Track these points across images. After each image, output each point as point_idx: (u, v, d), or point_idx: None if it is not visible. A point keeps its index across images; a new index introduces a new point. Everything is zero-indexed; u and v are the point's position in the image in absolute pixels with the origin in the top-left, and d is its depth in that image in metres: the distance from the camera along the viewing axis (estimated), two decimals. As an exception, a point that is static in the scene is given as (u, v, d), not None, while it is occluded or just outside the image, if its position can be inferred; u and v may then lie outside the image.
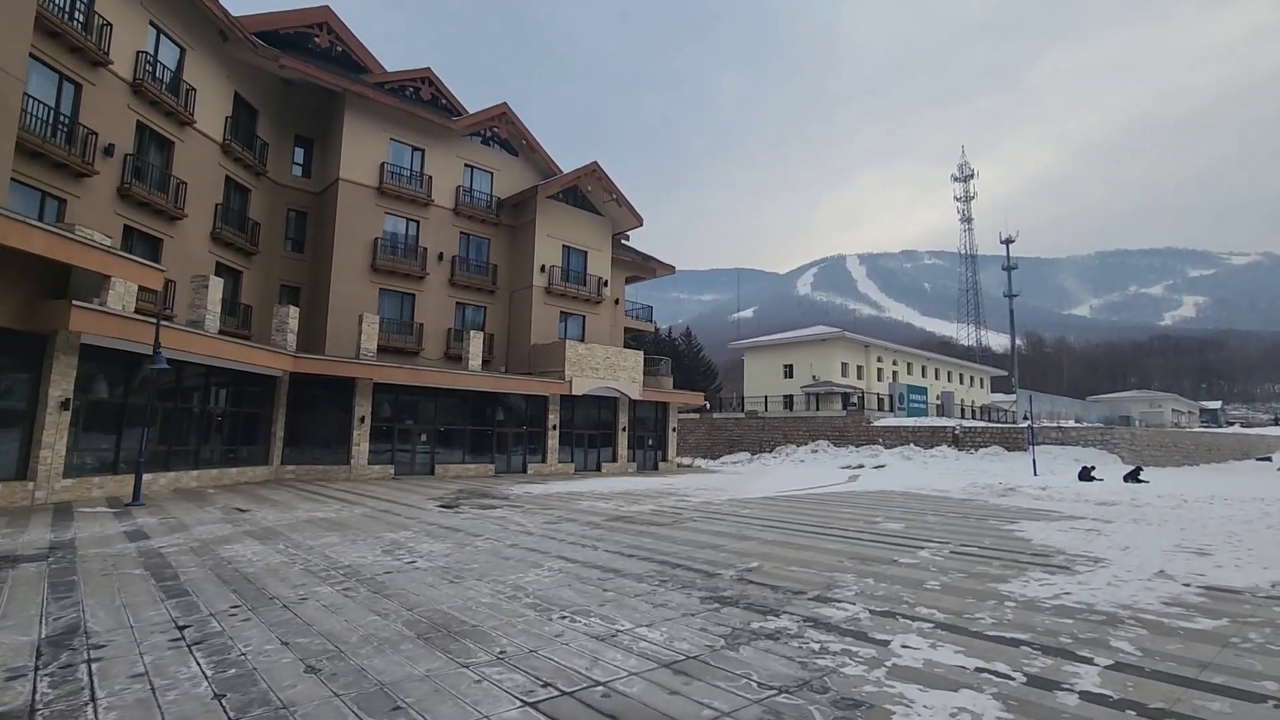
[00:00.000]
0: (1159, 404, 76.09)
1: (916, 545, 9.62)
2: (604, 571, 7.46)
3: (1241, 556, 8.97)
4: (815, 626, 5.39)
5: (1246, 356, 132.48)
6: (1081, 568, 8.08)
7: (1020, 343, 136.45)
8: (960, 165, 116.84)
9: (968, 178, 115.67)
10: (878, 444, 37.02)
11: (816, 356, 54.19)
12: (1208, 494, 18.01)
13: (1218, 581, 7.36)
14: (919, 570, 7.80)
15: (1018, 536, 10.70)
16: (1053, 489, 19.57)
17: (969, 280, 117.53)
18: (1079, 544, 9.92)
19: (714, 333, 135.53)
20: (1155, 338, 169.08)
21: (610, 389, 27.53)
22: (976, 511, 14.37)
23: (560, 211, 29.49)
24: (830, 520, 12.52)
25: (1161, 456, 33.92)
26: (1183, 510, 14.63)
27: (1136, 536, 10.73)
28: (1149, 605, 6.24)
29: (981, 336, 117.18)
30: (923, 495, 18.57)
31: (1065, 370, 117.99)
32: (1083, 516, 13.50)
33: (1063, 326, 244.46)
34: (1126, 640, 5.11)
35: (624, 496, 16.82)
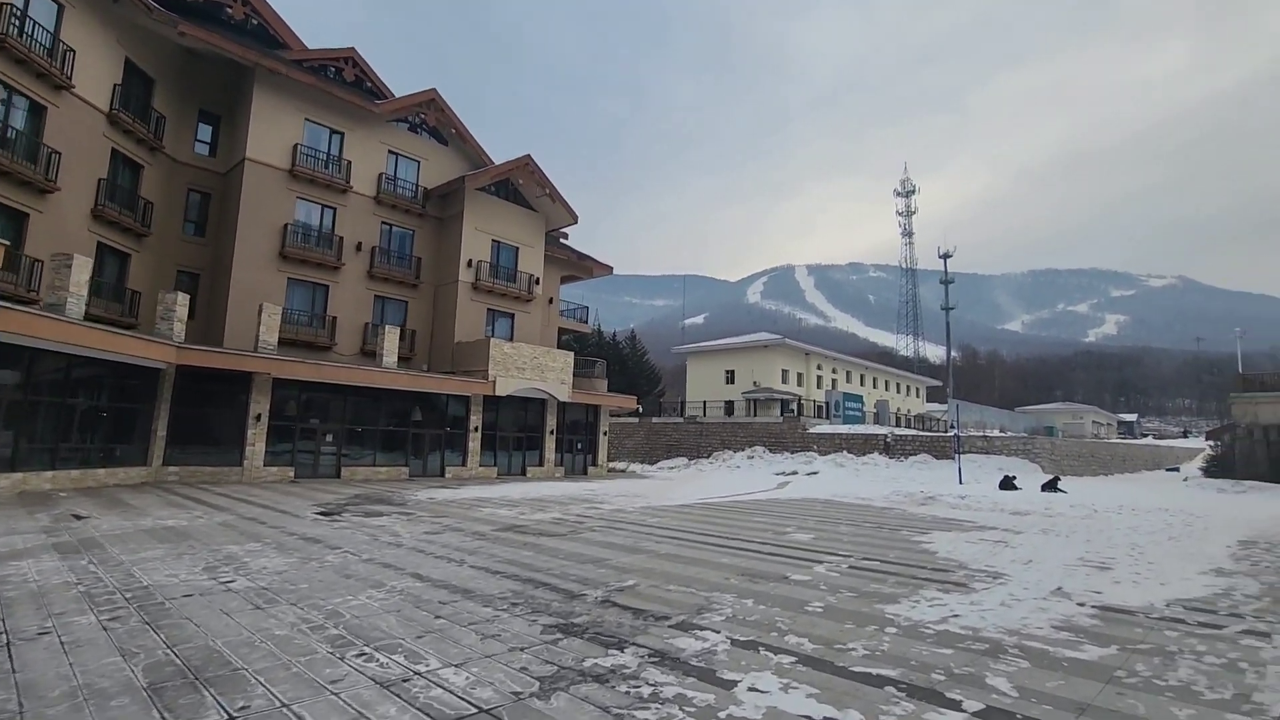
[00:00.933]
0: (1081, 416, 79.53)
1: (817, 559, 9.03)
2: (452, 593, 6.54)
3: (1141, 571, 8.70)
4: (660, 663, 4.62)
5: (1161, 373, 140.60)
6: (979, 585, 7.59)
7: (955, 354, 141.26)
8: (903, 181, 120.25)
9: (910, 193, 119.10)
10: (812, 451, 37.04)
11: (758, 363, 54.28)
12: (1117, 504, 18.24)
13: (1114, 600, 6.96)
14: (807, 589, 7.16)
15: (925, 549, 10.26)
16: (972, 498, 19.56)
17: (909, 293, 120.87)
18: (983, 557, 9.52)
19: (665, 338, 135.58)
20: (1080, 353, 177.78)
21: (537, 390, 26.49)
22: (892, 521, 14.01)
23: (490, 205, 28.32)
24: (739, 530, 11.89)
25: (1079, 466, 34.98)
26: (1092, 521, 14.61)
27: (1042, 549, 10.44)
28: (1038, 630, 5.71)
29: (920, 348, 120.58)
30: (845, 504, 18.23)
31: (997, 382, 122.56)
32: (994, 527, 13.27)
33: (996, 340, 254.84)
34: (1004, 676, 4.51)
35: (533, 503, 15.87)
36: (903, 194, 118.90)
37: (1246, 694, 4.30)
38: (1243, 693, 4.32)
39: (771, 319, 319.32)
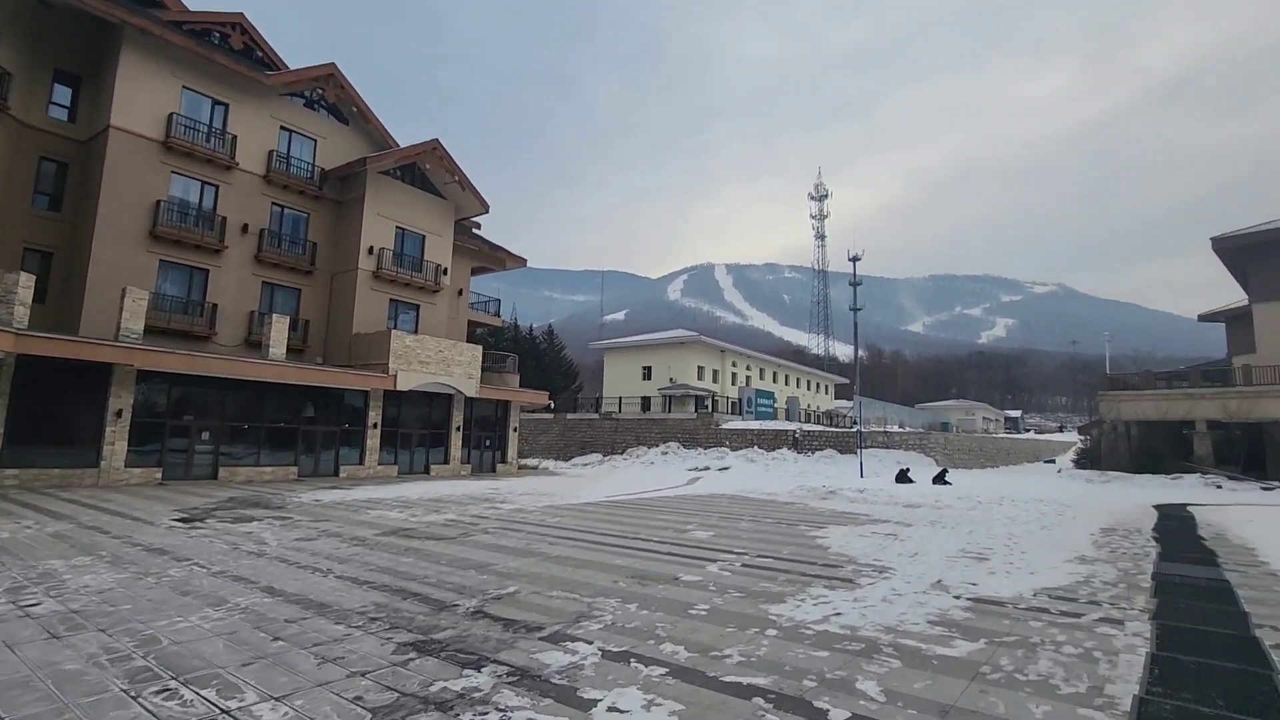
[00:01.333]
0: (972, 412, 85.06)
1: (712, 558, 8.89)
2: (305, 609, 5.89)
3: (1014, 561, 9.07)
4: (519, 683, 4.23)
5: (1042, 372, 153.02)
6: (865, 580, 7.65)
7: (862, 354, 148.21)
8: (816, 185, 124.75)
9: (822, 198, 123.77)
10: (725, 446, 37.58)
11: (675, 359, 54.65)
12: (999, 495, 19.37)
13: (987, 591, 7.15)
14: (695, 590, 6.96)
15: (819, 544, 10.36)
16: (870, 491, 20.27)
17: (820, 294, 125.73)
18: (873, 551, 9.69)
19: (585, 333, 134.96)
20: (973, 353, 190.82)
21: (443, 385, 25.40)
22: (792, 516, 14.19)
23: (395, 190, 26.89)
24: (640, 529, 11.65)
25: (969, 459, 37.23)
26: (976, 512, 15.36)
27: (928, 541, 10.77)
28: (914, 626, 5.72)
29: (829, 346, 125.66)
30: (751, 499, 18.43)
31: (899, 380, 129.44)
32: (888, 520, 13.68)
33: (900, 341, 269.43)
34: (875, 679, 4.41)
35: (430, 504, 15.07)
36: (816, 198, 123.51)
37: (1100, 686, 4.38)
38: (1096, 685, 4.40)
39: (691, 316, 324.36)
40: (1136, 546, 10.63)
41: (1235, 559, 9.69)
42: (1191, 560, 9.49)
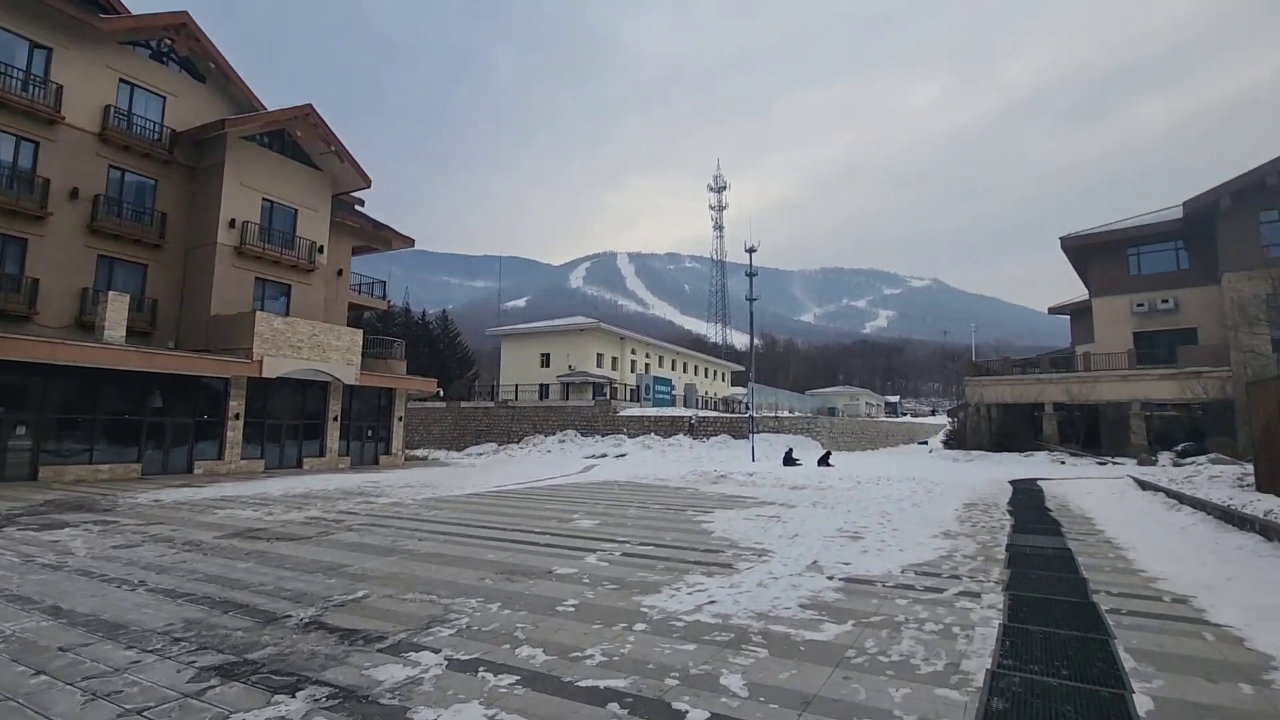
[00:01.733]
0: (857, 398, 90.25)
1: (592, 548, 8.53)
2: (92, 631, 4.95)
3: (886, 539, 9.33)
4: (339, 706, 3.64)
5: (918, 360, 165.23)
6: (744, 564, 7.54)
7: (758, 342, 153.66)
8: (715, 177, 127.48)
9: (721, 189, 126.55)
10: (622, 433, 37.53)
11: (574, 346, 54.02)
12: (877, 475, 20.36)
13: (859, 571, 7.23)
14: (568, 584, 6.55)
15: (704, 529, 10.27)
16: (759, 475, 20.73)
17: (718, 283, 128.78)
18: (755, 534, 9.69)
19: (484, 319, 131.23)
20: (858, 342, 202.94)
21: (318, 371, 23.51)
22: (681, 501, 14.14)
23: (262, 158, 24.48)
24: (522, 520, 11.12)
25: (851, 442, 39.29)
26: (855, 492, 15.97)
27: (809, 522, 10.96)
28: (786, 611, 5.60)
29: (727, 335, 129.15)
30: (642, 485, 18.31)
31: (792, 368, 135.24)
32: (772, 502, 13.90)
33: (793, 330, 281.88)
34: (740, 672, 4.18)
35: (294, 500, 13.78)
36: (714, 190, 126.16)
37: (956, 662, 4.37)
38: (953, 661, 4.39)
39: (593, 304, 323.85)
40: (994, 520, 11.32)
41: (1076, 528, 10.50)
42: (1040, 531, 10.18)
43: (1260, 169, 26.45)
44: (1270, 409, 11.01)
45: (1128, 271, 31.54)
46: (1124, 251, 31.65)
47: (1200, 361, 27.05)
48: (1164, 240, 30.65)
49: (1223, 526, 9.93)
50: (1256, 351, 25.73)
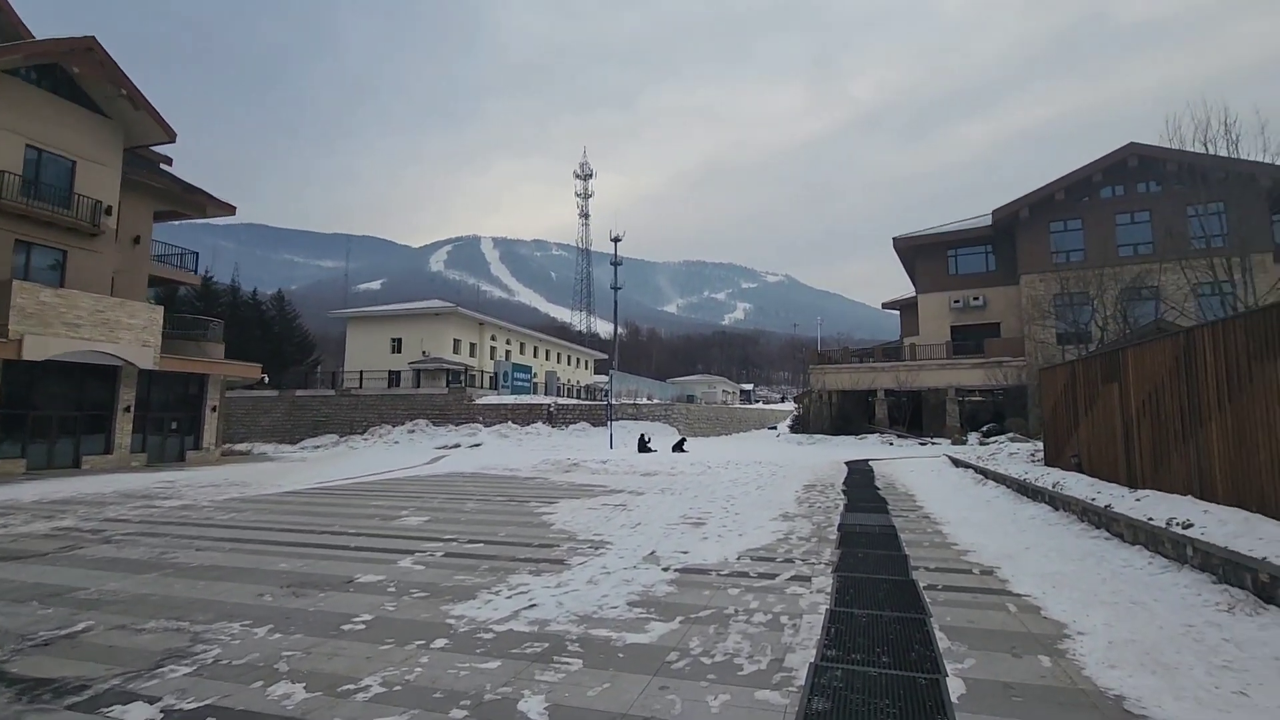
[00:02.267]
0: (714, 385, 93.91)
1: (411, 549, 7.60)
2: None
3: (727, 524, 9.23)
4: (-42, 805, 2.59)
5: (770, 351, 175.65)
6: (578, 559, 7.00)
7: (622, 331, 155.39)
8: (582, 164, 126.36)
9: (587, 177, 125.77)
10: (478, 422, 35.95)
11: (429, 331, 51.09)
12: (727, 460, 20.84)
13: (696, 560, 6.94)
14: (367, 596, 5.64)
15: (544, 521, 9.64)
16: (614, 462, 20.46)
17: (583, 271, 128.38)
18: (597, 525, 9.21)
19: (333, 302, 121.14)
20: (717, 333, 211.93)
21: (103, 354, 19.95)
22: (527, 492, 13.42)
23: (27, 95, 20.22)
24: (337, 521, 9.85)
25: (707, 428, 40.50)
26: (704, 477, 16.10)
27: (654, 510, 10.68)
28: (612, 611, 5.11)
29: (591, 323, 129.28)
30: (490, 476, 17.35)
31: (654, 356, 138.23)
32: (622, 490, 13.58)
33: (656, 320, 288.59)
34: (545, 691, 3.59)
35: (48, 508, 11.36)
36: (581, 177, 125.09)
37: (781, 658, 4.09)
38: (778, 657, 4.10)
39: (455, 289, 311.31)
40: (829, 500, 11.72)
41: (900, 505, 11.09)
42: (869, 509, 10.62)
43: (1050, 185, 30.27)
44: (1058, 392, 12.31)
45: (947, 271, 34.97)
46: (944, 253, 35.04)
47: (1002, 352, 30.58)
48: (977, 244, 34.30)
49: (1020, 499, 10.92)
50: (1045, 342, 29.47)
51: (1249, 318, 6.62)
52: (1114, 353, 9.85)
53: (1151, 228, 27.77)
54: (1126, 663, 3.90)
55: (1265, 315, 6.34)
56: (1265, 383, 6.31)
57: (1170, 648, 4.13)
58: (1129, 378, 9.26)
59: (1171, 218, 27.52)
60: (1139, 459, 8.98)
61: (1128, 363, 9.33)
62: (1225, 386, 6.98)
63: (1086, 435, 10.80)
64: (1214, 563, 5.59)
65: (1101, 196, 29.92)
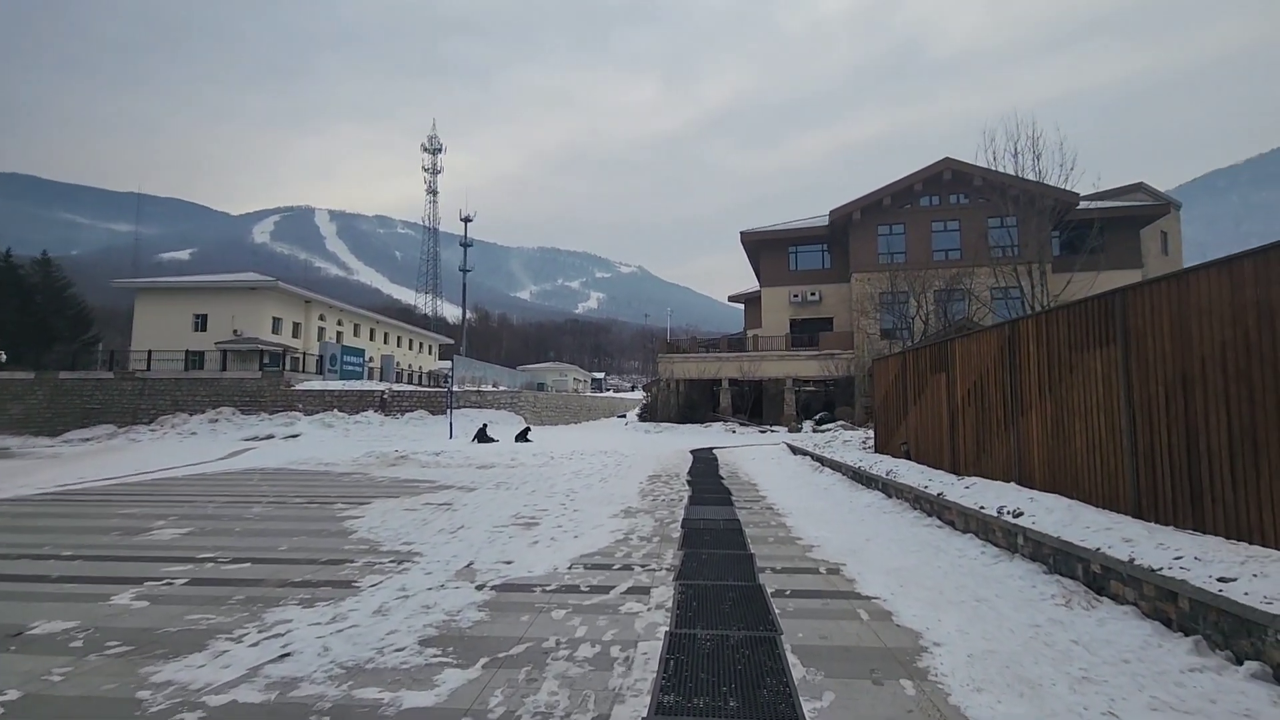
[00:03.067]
0: (565, 374, 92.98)
1: (144, 575, 5.79)
2: None
3: (564, 523, 8.27)
4: None
5: (622, 340, 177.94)
6: (372, 579, 5.66)
7: (471, 315, 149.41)
8: (430, 138, 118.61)
9: (437, 151, 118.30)
10: (297, 410, 32.05)
11: (243, 308, 45.07)
12: (572, 450, 19.94)
13: (521, 571, 5.89)
14: (33, 656, 3.94)
15: (345, 528, 8.06)
16: (450, 453, 18.77)
17: (430, 251, 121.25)
18: (410, 530, 7.84)
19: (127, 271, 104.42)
20: (570, 321, 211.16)
21: None
22: (337, 491, 11.56)
23: None
24: (61, 537, 7.56)
25: (555, 416, 39.44)
26: (547, 469, 15.05)
27: (484, 508, 9.46)
28: (395, 655, 3.91)
29: (438, 307, 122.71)
30: (298, 472, 15.05)
31: (504, 343, 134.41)
32: (451, 486, 12.16)
33: (509, 306, 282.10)
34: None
35: None
36: (429, 150, 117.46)
37: (607, 714, 3.17)
38: (603, 713, 3.18)
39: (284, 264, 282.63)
40: (674, 492, 11.18)
41: (744, 495, 10.79)
42: (713, 501, 10.18)
43: (879, 191, 32.63)
44: (889, 381, 12.73)
45: (788, 267, 36.68)
46: (786, 249, 36.71)
47: (835, 345, 32.57)
48: (814, 242, 36.26)
49: (855, 486, 11.06)
50: (871, 335, 31.76)
51: (1072, 309, 6.79)
52: (943, 343, 10.16)
53: (961, 235, 30.81)
54: (991, 683, 3.44)
55: (1086, 308, 6.50)
56: (1085, 372, 6.47)
57: (1028, 658, 3.76)
58: (956, 367, 9.53)
59: (977, 227, 30.77)
60: (963, 446, 9.26)
61: (955, 353, 9.60)
62: (1047, 376, 7.17)
63: (915, 423, 11.15)
64: (1045, 552, 5.54)
65: (921, 205, 32.77)
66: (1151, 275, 6.22)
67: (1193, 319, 5.08)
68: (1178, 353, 5.22)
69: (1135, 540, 4.71)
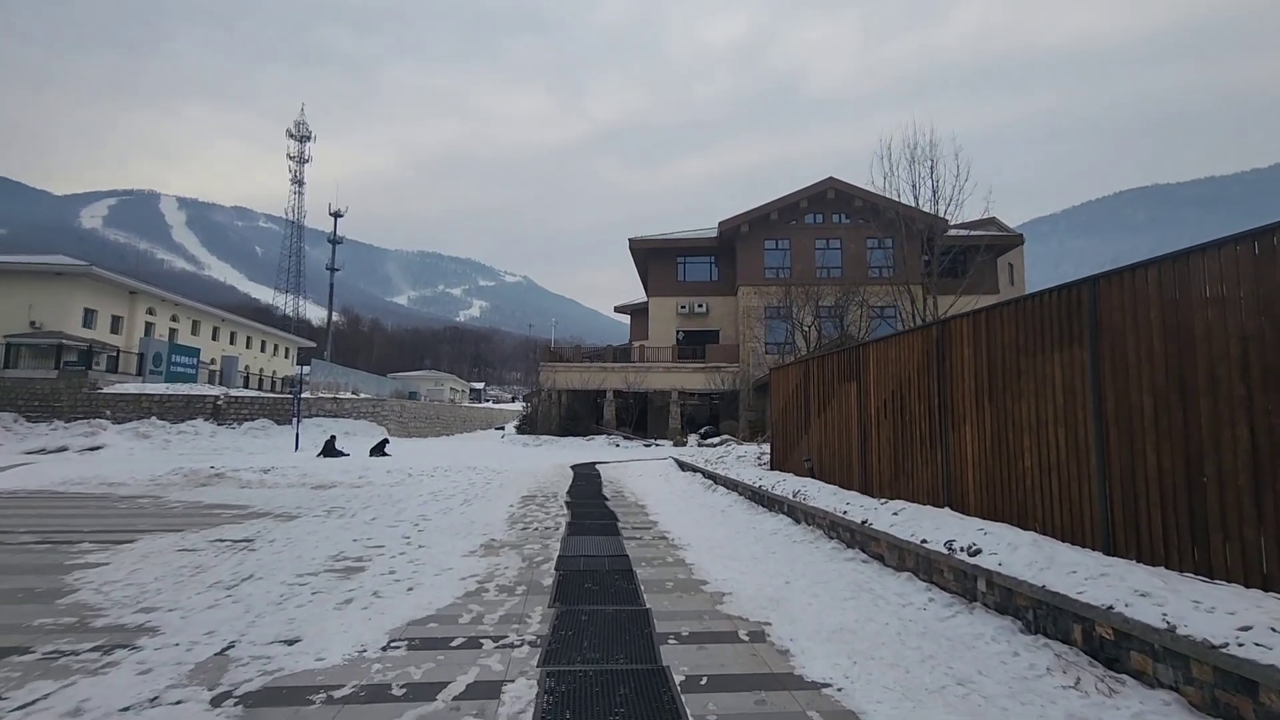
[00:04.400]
0: (442, 383, 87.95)
1: None
2: None
3: (399, 568, 6.25)
4: None
5: (505, 350, 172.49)
6: (36, 688, 3.43)
7: (340, 319, 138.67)
8: (298, 123, 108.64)
9: (304, 138, 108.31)
10: (104, 417, 26.90)
11: (45, 296, 37.81)
12: (436, 465, 17.50)
13: (301, 661, 3.88)
14: None
15: (64, 584, 5.60)
16: (283, 470, 15.74)
17: (294, 246, 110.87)
18: (163, 587, 5.50)
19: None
20: (449, 328, 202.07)
21: None
22: (100, 522, 8.68)
23: None
24: None
25: (425, 427, 36.16)
26: (400, 488, 12.72)
27: (295, 547, 7.18)
28: None
29: (302, 307, 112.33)
30: (66, 495, 11.72)
31: (376, 349, 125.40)
32: (268, 514, 9.61)
33: (386, 311, 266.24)
34: None
35: None
36: (296, 137, 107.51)
37: None
38: None
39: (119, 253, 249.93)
40: (549, 518, 9.39)
41: (632, 521, 9.21)
42: (596, 530, 8.51)
43: (767, 205, 32.71)
44: (789, 391, 11.68)
45: (677, 277, 35.97)
46: (675, 259, 36.01)
47: (721, 358, 32.08)
48: (703, 254, 35.84)
49: (755, 508, 9.79)
50: (755, 349, 31.58)
51: (1020, 305, 5.81)
52: (854, 349, 9.15)
53: (842, 254, 31.43)
54: None
55: (1040, 302, 5.53)
56: (1039, 378, 5.48)
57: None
58: (870, 375, 8.51)
59: (857, 247, 31.53)
60: (877, 463, 8.21)
61: (869, 359, 8.58)
62: (987, 385, 6.17)
63: (820, 438, 10.10)
64: (1019, 604, 4.34)
65: (805, 222, 33.21)
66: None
67: (1197, 310, 4.09)
68: (1174, 352, 4.22)
69: (1153, 594, 3.56)
